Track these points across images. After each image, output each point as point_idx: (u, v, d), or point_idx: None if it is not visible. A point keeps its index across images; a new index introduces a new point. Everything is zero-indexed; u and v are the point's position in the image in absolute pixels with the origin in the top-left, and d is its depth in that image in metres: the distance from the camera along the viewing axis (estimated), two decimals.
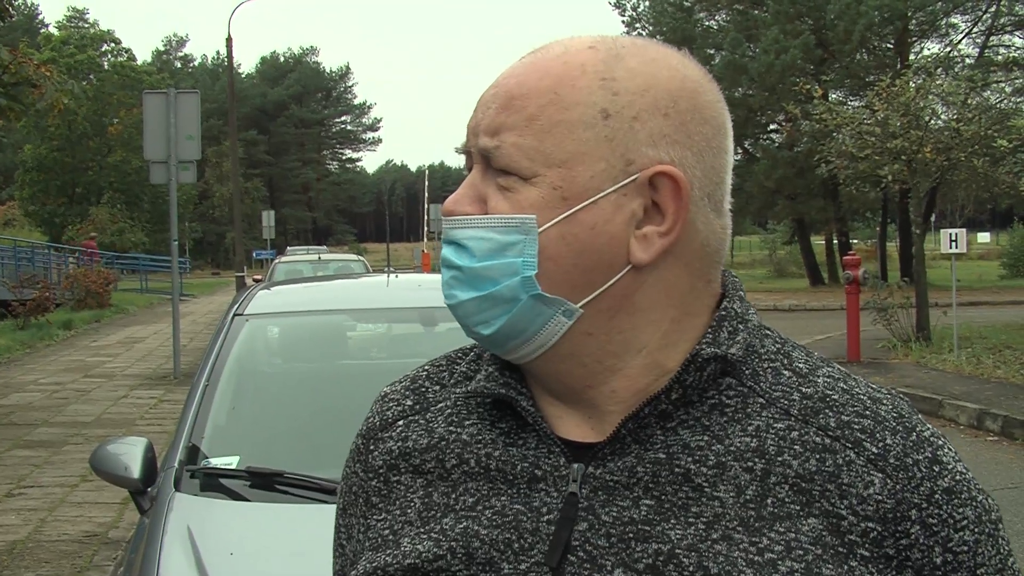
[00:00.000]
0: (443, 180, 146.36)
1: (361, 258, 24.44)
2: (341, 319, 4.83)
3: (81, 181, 57.81)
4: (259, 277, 24.27)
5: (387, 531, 1.18)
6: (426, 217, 54.07)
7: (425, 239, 59.88)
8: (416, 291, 5.09)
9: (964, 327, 17.24)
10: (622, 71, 1.09)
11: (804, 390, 1.11)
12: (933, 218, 42.14)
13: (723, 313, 1.14)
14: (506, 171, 1.09)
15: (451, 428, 1.20)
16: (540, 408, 1.15)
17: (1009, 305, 27.94)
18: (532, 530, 1.08)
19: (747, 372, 1.12)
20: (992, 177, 17.09)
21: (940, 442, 1.10)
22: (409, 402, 1.27)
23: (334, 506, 1.34)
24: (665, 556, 1.03)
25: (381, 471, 1.23)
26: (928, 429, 1.11)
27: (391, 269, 5.71)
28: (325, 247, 47.80)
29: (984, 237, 69.73)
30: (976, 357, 14.94)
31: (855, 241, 49.91)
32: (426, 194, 67.76)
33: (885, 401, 1.12)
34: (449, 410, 1.22)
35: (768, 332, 1.18)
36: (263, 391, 4.31)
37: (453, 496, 1.14)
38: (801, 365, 1.14)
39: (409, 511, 1.17)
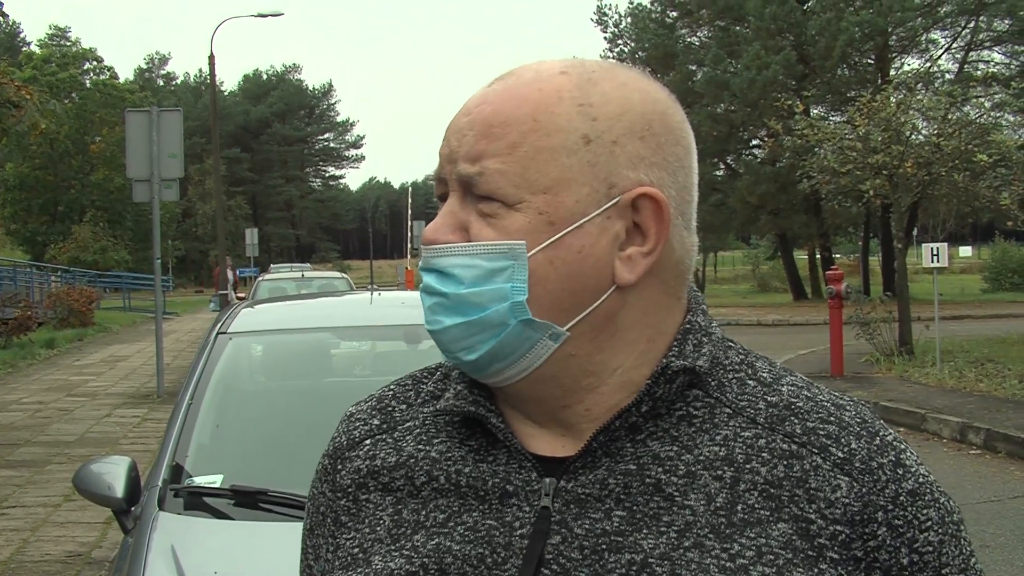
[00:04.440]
0: (426, 197, 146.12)
1: (344, 275, 24.37)
2: (325, 337, 4.82)
3: (63, 199, 57.68)
4: (242, 295, 24.20)
5: (356, 549, 1.18)
6: (409, 234, 54.00)
7: (409, 256, 59.81)
8: (400, 308, 5.09)
9: (946, 341, 17.31)
10: (597, 96, 1.12)
11: (769, 399, 1.14)
12: (915, 232, 42.30)
13: (688, 327, 1.16)
14: (489, 197, 1.10)
15: (420, 446, 1.21)
16: (510, 425, 1.17)
17: (991, 319, 28.09)
18: (505, 544, 1.09)
19: (713, 383, 1.15)
20: (973, 192, 17.16)
21: (902, 446, 1.13)
22: (376, 421, 1.27)
23: None
24: (638, 566, 1.04)
25: (349, 490, 1.23)
26: (891, 434, 1.14)
27: (374, 287, 5.70)
28: (308, 264, 47.77)
29: (966, 251, 70.08)
30: (959, 371, 14.98)
31: (838, 256, 50.11)
32: (409, 211, 67.63)
33: (848, 407, 1.14)
34: (417, 429, 1.23)
35: (731, 344, 1.21)
36: (247, 409, 4.31)
37: (423, 513, 1.15)
38: (765, 375, 1.17)
39: (379, 528, 1.18)
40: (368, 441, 1.26)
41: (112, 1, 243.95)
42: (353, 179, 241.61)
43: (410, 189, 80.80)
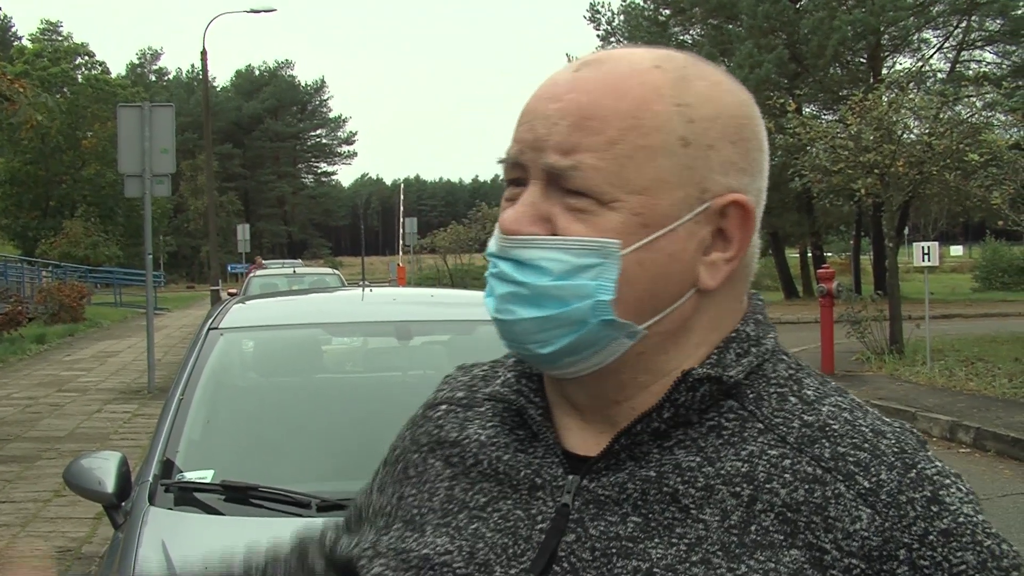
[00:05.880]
0: (418, 194, 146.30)
1: (336, 272, 24.35)
2: (316, 333, 4.82)
3: (55, 194, 57.47)
4: (234, 291, 24.16)
5: (415, 510, 1.22)
6: (401, 231, 53.98)
7: (400, 252, 59.78)
8: (391, 305, 5.09)
9: (937, 340, 17.34)
10: (693, 96, 1.09)
11: (806, 418, 1.09)
12: (906, 231, 42.37)
13: (733, 335, 1.14)
14: (581, 193, 1.06)
15: (479, 429, 1.23)
16: (554, 418, 1.17)
17: (981, 318, 28.13)
18: (526, 537, 1.10)
19: (751, 396, 1.11)
20: (964, 191, 17.18)
21: (947, 481, 1.05)
22: (459, 394, 1.31)
23: (309, 520, 1.36)
24: (643, 574, 1.03)
25: (423, 448, 1.28)
26: (934, 467, 1.05)
27: (366, 283, 5.70)
28: (300, 261, 47.67)
29: (957, 250, 70.43)
30: (949, 369, 15.00)
31: (829, 254, 50.15)
32: (401, 208, 67.64)
33: (889, 435, 1.07)
34: (488, 411, 1.26)
35: (784, 357, 1.17)
36: (238, 405, 4.30)
37: (471, 493, 1.18)
38: (810, 392, 1.12)
39: (435, 499, 1.21)
40: (443, 406, 1.30)
41: None
42: (345, 175, 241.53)
43: (402, 186, 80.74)
